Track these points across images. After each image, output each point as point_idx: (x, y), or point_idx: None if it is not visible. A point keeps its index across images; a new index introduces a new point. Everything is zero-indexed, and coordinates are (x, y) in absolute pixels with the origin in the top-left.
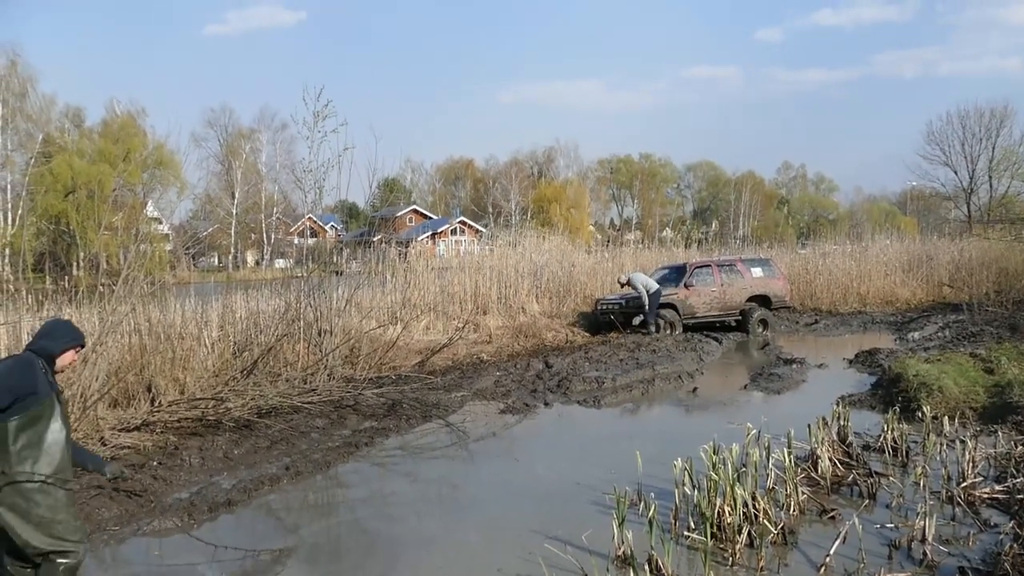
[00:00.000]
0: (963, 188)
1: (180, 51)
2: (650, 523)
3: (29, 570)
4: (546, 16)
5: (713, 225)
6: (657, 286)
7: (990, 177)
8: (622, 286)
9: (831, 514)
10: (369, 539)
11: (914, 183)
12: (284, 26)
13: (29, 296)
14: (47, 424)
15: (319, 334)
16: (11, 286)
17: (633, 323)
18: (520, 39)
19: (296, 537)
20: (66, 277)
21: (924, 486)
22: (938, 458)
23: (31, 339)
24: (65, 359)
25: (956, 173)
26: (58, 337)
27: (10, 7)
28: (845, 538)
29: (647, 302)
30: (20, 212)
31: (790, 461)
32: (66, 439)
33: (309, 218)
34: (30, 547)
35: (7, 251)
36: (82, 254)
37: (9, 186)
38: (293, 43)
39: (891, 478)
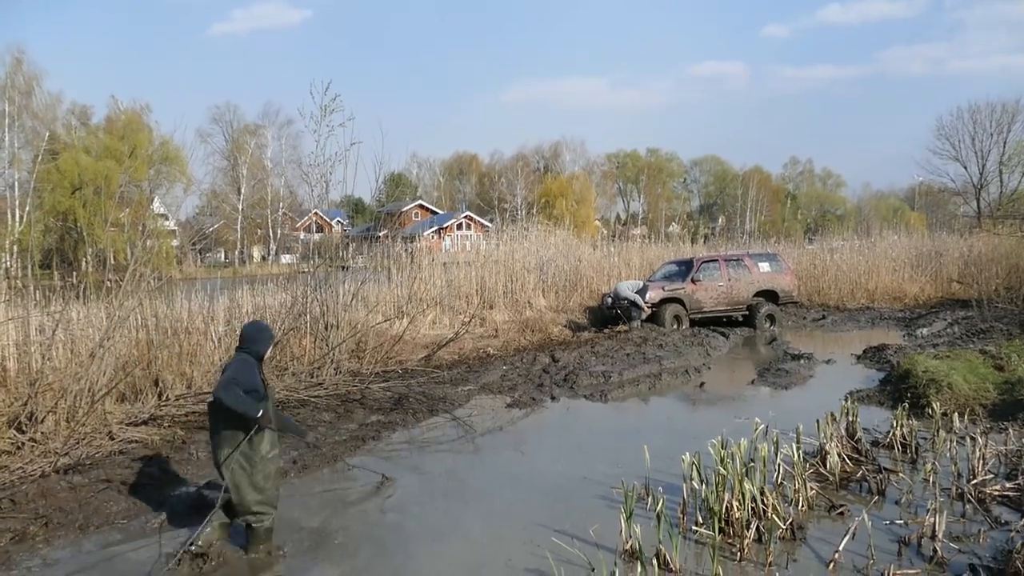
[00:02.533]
0: (973, 183)
1: (186, 49)
2: (658, 517)
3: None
4: (553, 15)
5: (720, 220)
6: (640, 284)
7: (1000, 172)
8: (611, 304)
9: (840, 510)
10: (377, 533)
11: (923, 178)
12: (290, 24)
13: (37, 292)
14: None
15: (325, 328)
16: (19, 282)
17: (641, 318)
18: (526, 38)
19: (305, 530)
20: (74, 273)
21: (934, 483)
22: (948, 455)
23: (240, 340)
24: (266, 354)
25: (966, 168)
26: (260, 340)
27: (15, 6)
28: (854, 534)
29: (641, 302)
30: (28, 209)
31: (798, 456)
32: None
33: (315, 213)
34: (244, 505)
35: (15, 248)
36: (89, 250)
37: (16, 183)
38: (298, 41)
39: (900, 474)
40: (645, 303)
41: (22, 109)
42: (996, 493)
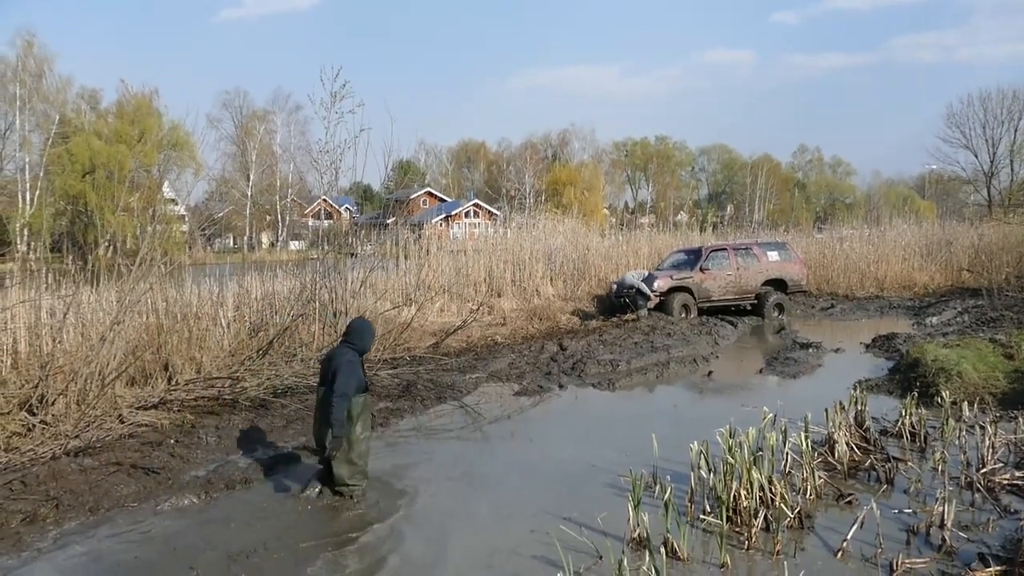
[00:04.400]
0: (983, 172)
1: (197, 34)
2: (666, 506)
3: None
4: (563, 2)
5: (728, 209)
6: (645, 274)
7: (1011, 160)
8: (618, 292)
9: (848, 499)
10: (386, 520)
11: (933, 166)
12: (299, 10)
13: (48, 275)
14: (365, 402)
15: (334, 315)
16: (31, 265)
17: (648, 306)
18: (536, 25)
19: (316, 517)
20: (85, 257)
21: (943, 471)
22: (957, 444)
23: (347, 334)
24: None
25: (976, 156)
26: (369, 339)
27: None
28: (863, 523)
29: (647, 290)
30: (38, 192)
31: (807, 445)
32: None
33: (324, 200)
34: (339, 477)
35: (26, 231)
36: (102, 234)
37: (27, 166)
38: (308, 26)
39: (909, 463)
40: (653, 291)
41: (33, 92)
42: (1005, 482)
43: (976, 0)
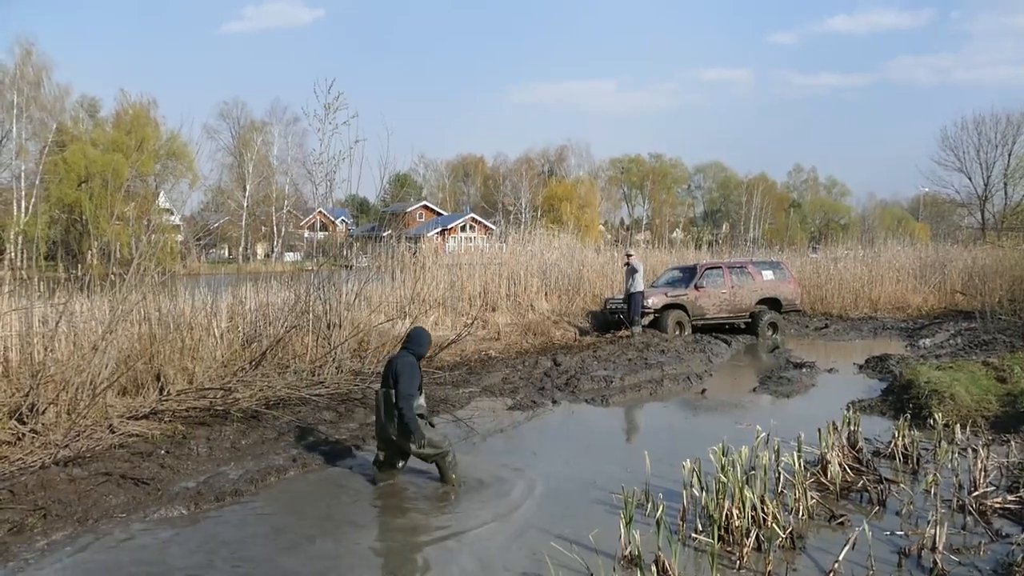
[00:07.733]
0: (977, 195)
1: (198, 46)
2: (657, 524)
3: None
4: (561, 17)
5: (723, 227)
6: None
7: (1005, 184)
8: (613, 308)
9: (840, 520)
10: (377, 534)
11: (927, 189)
12: (301, 23)
13: (41, 283)
14: (422, 395)
15: (328, 327)
16: (24, 273)
17: (644, 323)
18: (534, 40)
19: (306, 527)
20: (78, 265)
21: (935, 494)
22: (949, 466)
23: (406, 340)
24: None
25: (971, 179)
26: (426, 345)
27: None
28: (854, 544)
29: (641, 291)
30: (33, 200)
31: (799, 465)
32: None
33: (320, 212)
34: (429, 459)
35: (20, 239)
36: (95, 243)
37: (23, 174)
38: (309, 40)
39: (901, 485)
40: (648, 308)
41: (30, 100)
42: (997, 506)
43: (972, 26)
